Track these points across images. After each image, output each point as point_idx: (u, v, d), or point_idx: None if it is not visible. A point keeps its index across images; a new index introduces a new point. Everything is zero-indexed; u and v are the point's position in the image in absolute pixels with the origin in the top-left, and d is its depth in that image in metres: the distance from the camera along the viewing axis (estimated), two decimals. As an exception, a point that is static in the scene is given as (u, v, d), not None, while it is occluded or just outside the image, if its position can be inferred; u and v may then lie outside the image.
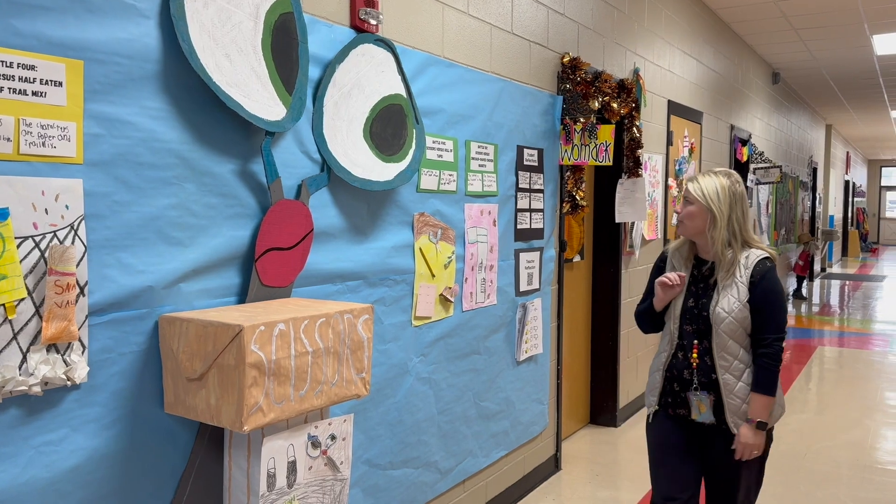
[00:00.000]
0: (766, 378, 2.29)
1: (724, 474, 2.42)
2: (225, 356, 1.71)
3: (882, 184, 26.47)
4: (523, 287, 3.61)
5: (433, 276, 2.91)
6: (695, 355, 2.38)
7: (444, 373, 3.03)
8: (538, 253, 3.74)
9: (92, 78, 1.69)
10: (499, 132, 3.33)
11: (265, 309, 1.92)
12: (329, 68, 2.32)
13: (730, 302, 2.31)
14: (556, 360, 4.05)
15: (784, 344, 2.32)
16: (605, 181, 4.76)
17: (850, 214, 20.64)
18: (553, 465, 4.05)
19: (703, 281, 2.42)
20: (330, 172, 2.35)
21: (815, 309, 10.55)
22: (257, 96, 2.03)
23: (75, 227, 1.68)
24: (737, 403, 2.32)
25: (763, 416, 2.30)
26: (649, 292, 2.56)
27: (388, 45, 2.57)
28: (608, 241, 4.83)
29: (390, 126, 2.56)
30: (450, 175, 2.98)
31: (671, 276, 2.41)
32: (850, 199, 20.52)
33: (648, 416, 2.55)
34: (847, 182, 19.47)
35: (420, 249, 2.83)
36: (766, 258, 2.36)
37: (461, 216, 3.08)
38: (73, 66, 1.66)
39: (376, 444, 2.64)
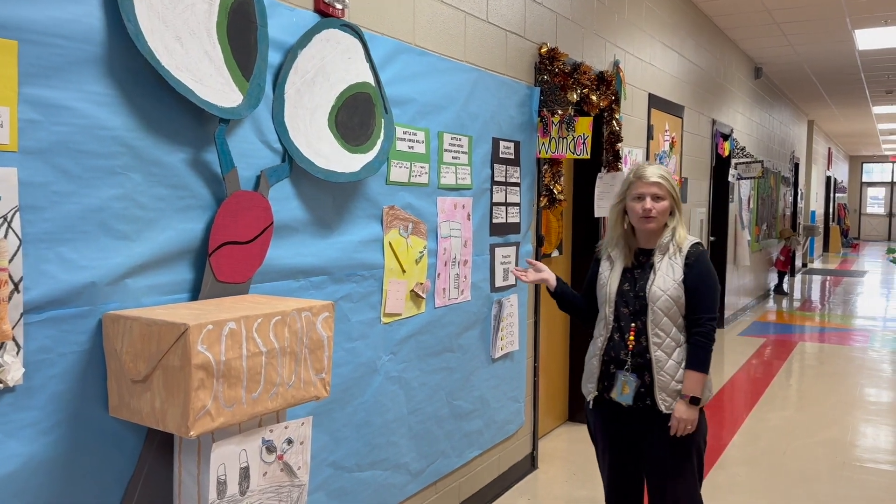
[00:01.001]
0: (700, 355, 2.38)
1: (658, 462, 2.45)
2: (170, 357, 1.61)
3: (863, 180, 26.66)
4: (499, 283, 3.53)
5: (403, 271, 2.81)
6: (631, 337, 2.42)
7: (416, 371, 2.94)
8: (514, 248, 3.65)
9: (27, 60, 1.58)
10: (473, 123, 3.24)
11: (218, 306, 1.82)
12: (290, 54, 2.22)
13: (665, 281, 2.39)
14: (533, 357, 3.97)
15: (715, 324, 2.41)
16: (585, 175, 4.68)
17: (831, 210, 20.76)
18: (529, 463, 3.98)
19: (639, 266, 2.47)
20: (292, 163, 2.24)
21: (797, 304, 10.56)
22: (211, 82, 1.92)
23: (9, 220, 1.57)
24: (666, 380, 2.38)
25: (696, 391, 2.37)
26: (584, 292, 2.67)
27: (355, 31, 2.47)
28: (587, 236, 4.75)
29: (357, 115, 2.46)
30: (421, 167, 2.89)
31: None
32: (832, 195, 20.63)
33: (588, 402, 2.54)
34: (829, 178, 19.57)
35: (390, 244, 2.73)
36: (698, 242, 2.47)
37: (433, 210, 2.99)
38: (6, 46, 1.54)
39: (342, 445, 2.54)
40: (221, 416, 1.66)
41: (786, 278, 11.77)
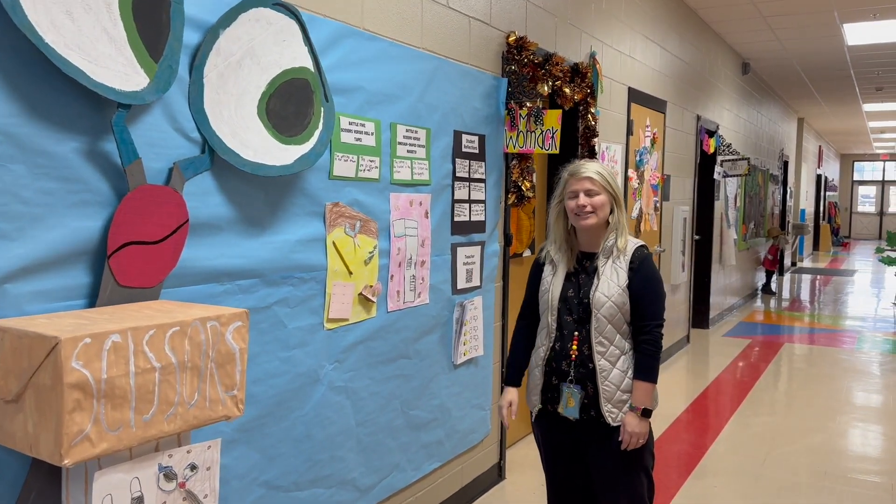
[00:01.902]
0: (649, 365, 2.28)
1: (606, 476, 2.33)
2: (41, 375, 1.40)
3: (854, 178, 26.57)
4: (461, 284, 3.32)
5: (350, 273, 2.61)
6: (574, 346, 2.31)
7: (365, 380, 2.74)
8: (479, 247, 3.45)
9: None
10: (432, 115, 3.04)
11: (112, 316, 1.61)
12: (211, 33, 2.00)
13: (610, 286, 2.28)
14: (500, 361, 3.77)
15: (663, 331, 2.32)
16: (559, 171, 4.48)
17: (821, 209, 20.63)
18: (496, 474, 3.78)
19: (583, 272, 2.35)
20: (213, 154, 2.04)
21: (784, 304, 10.40)
22: (109, 62, 1.71)
23: None
24: (611, 390, 2.28)
25: (647, 402, 2.28)
26: (529, 304, 2.51)
27: (290, 12, 2.26)
28: (562, 235, 4.55)
29: (292, 103, 2.25)
30: (371, 161, 2.68)
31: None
32: (822, 194, 20.51)
33: (532, 414, 2.46)
34: (819, 176, 19.43)
35: (333, 244, 2.52)
36: (643, 246, 2.34)
37: (386, 207, 2.79)
38: None
39: (277, 463, 2.34)
40: (104, 441, 1.45)
41: (774, 277, 11.61)
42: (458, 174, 3.24)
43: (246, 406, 2.21)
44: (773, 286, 11.47)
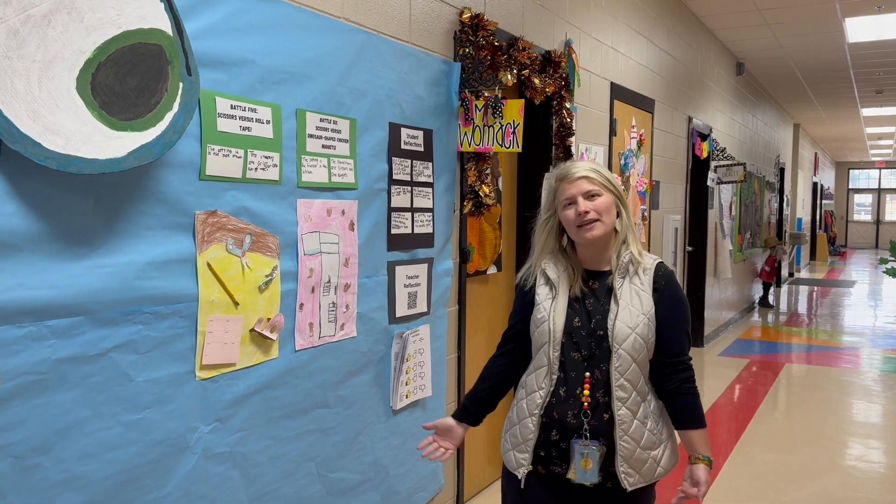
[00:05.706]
0: (699, 408, 1.85)
1: None
2: None
3: (850, 186, 26.10)
4: (401, 311, 2.72)
5: (236, 303, 2.00)
6: (587, 391, 1.79)
7: (263, 441, 2.12)
8: (425, 265, 2.85)
9: None
10: (358, 103, 2.44)
11: None
12: (-10, -29, 1.41)
13: (632, 314, 1.79)
14: (456, 401, 3.16)
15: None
16: (532, 173, 3.89)
17: (818, 217, 20.13)
18: (452, 536, 3.17)
19: (591, 295, 1.84)
20: (0, 145, 1.44)
21: (783, 319, 9.81)
22: None
23: None
24: (630, 448, 1.79)
25: (709, 450, 1.85)
26: (511, 333, 1.95)
27: (136, -46, 1.66)
28: (534, 249, 3.96)
29: (134, 76, 1.65)
30: (267, 157, 2.08)
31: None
32: (819, 202, 20.01)
33: (520, 480, 1.85)
34: (815, 184, 18.93)
35: (209, 265, 1.92)
36: (662, 262, 1.89)
37: (291, 217, 2.19)
38: None
39: (119, 566, 1.72)
40: None
41: (771, 290, 11.04)
42: (395, 176, 2.65)
43: (70, 492, 1.60)
44: (771, 299, 10.89)
